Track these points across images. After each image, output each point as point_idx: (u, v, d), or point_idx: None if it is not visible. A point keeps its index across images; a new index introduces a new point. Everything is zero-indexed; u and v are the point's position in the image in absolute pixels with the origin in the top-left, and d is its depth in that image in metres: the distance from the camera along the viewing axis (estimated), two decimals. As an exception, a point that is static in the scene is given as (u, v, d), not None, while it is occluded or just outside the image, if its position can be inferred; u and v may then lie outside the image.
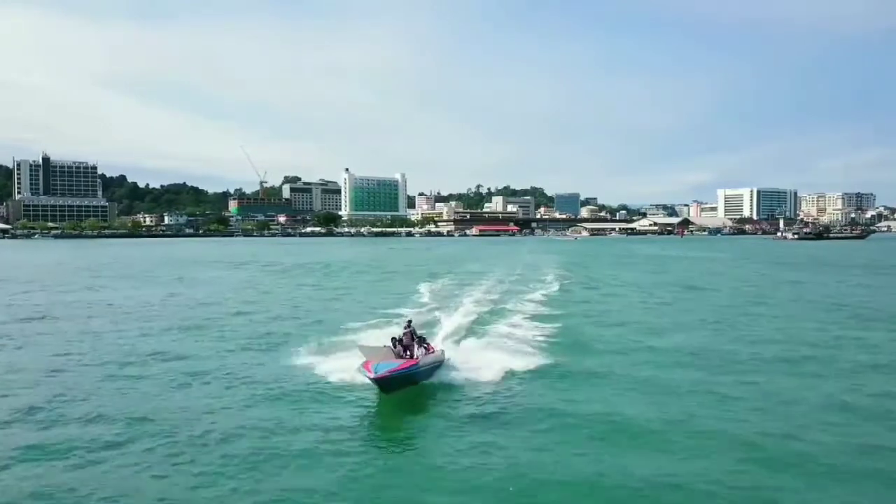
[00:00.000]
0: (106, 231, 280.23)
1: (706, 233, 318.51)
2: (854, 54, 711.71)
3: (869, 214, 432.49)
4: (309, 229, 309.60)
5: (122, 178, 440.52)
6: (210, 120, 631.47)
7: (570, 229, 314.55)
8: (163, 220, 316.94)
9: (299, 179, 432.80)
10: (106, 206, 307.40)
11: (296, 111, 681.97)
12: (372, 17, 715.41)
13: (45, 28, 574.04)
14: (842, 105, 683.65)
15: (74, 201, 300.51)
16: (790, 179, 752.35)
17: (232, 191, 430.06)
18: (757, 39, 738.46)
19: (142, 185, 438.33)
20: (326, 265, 71.72)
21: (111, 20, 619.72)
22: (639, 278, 50.19)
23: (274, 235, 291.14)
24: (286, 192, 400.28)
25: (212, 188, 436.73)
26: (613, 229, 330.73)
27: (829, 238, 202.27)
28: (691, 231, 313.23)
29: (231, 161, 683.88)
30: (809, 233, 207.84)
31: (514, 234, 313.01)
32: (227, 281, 49.07)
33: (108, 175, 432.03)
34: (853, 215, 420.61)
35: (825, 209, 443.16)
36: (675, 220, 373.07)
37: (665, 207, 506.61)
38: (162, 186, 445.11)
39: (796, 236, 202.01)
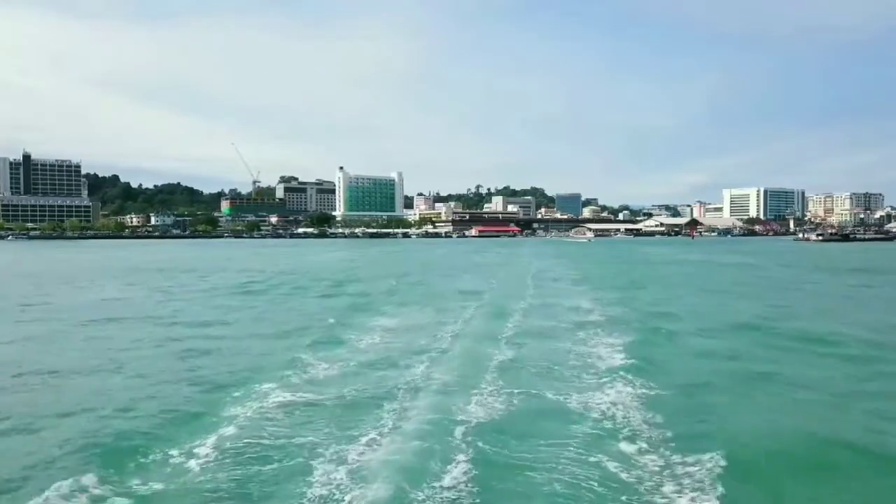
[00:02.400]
0: (88, 232, 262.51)
1: (715, 234, 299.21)
2: (854, 55, 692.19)
3: (878, 215, 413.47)
4: (301, 230, 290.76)
5: (115, 178, 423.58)
6: (208, 121, 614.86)
7: (573, 230, 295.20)
8: (149, 221, 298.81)
9: (295, 179, 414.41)
10: (89, 206, 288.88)
11: (295, 112, 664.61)
12: (371, 16, 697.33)
13: (43, 28, 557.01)
14: (843, 105, 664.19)
15: (56, 201, 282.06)
16: (791, 180, 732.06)
17: (227, 191, 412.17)
18: (757, 41, 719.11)
19: (135, 185, 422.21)
20: (272, 278, 53.14)
21: (110, 21, 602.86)
22: (728, 308, 31.34)
23: (264, 237, 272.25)
24: (280, 193, 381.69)
25: (210, 190, 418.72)
26: (618, 230, 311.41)
27: (855, 240, 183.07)
28: (700, 232, 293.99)
29: (229, 162, 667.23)
30: (835, 234, 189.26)
31: (514, 235, 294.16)
32: (83, 310, 30.71)
33: (100, 175, 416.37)
34: (862, 216, 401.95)
35: (833, 209, 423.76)
36: (681, 220, 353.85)
37: (668, 208, 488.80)
38: (155, 186, 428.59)
39: (820, 238, 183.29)
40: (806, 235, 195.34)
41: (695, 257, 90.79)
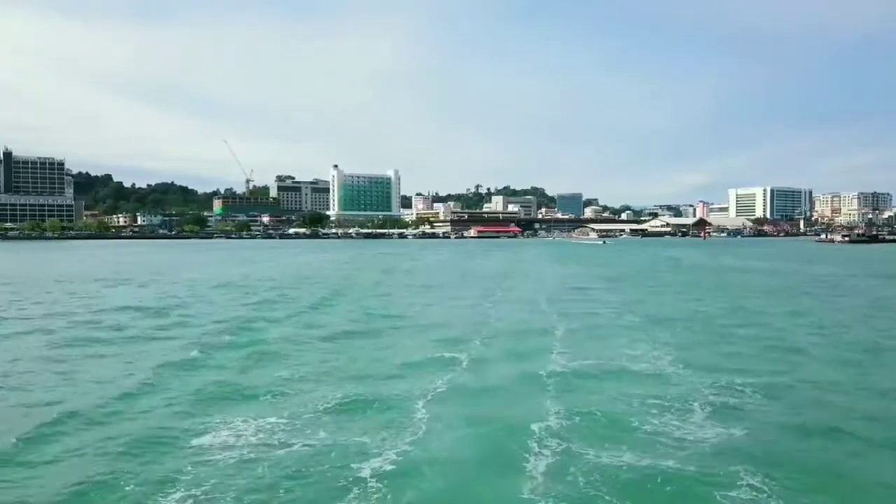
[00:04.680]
0: (69, 232, 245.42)
1: (724, 234, 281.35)
2: (853, 56, 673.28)
3: (886, 215, 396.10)
4: (292, 230, 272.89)
5: (108, 177, 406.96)
6: (208, 120, 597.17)
7: (576, 230, 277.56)
8: (136, 221, 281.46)
9: (291, 178, 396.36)
10: (72, 206, 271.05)
11: (294, 112, 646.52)
12: (371, 16, 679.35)
13: (43, 28, 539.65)
14: (842, 106, 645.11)
15: (37, 200, 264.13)
16: (792, 180, 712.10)
17: (223, 191, 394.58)
18: (756, 43, 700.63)
19: (128, 184, 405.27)
20: (182, 294, 35.92)
21: (107, 21, 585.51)
22: None
23: (254, 237, 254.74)
24: (275, 192, 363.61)
25: (206, 190, 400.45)
26: (623, 230, 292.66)
27: (884, 241, 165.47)
28: (709, 232, 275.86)
29: (228, 162, 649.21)
30: (862, 235, 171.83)
31: (515, 236, 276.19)
32: None
33: (92, 174, 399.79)
34: (870, 216, 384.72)
35: (840, 210, 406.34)
36: (687, 220, 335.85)
37: (670, 208, 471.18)
38: (149, 186, 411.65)
39: (847, 239, 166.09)
40: (830, 236, 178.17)
41: (745, 264, 72.67)
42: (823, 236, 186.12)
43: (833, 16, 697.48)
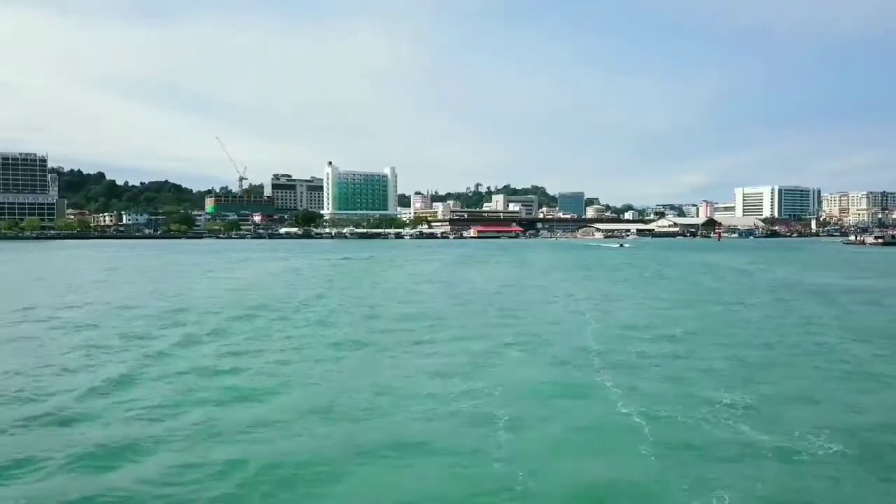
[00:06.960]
0: (50, 231, 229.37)
1: (735, 235, 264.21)
2: (854, 56, 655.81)
3: (895, 215, 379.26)
4: (284, 230, 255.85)
5: (101, 175, 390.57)
6: (205, 119, 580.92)
7: (580, 230, 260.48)
8: (121, 220, 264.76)
9: (287, 177, 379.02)
10: (53, 205, 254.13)
11: (294, 111, 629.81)
12: (371, 16, 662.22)
13: (40, 28, 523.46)
14: (841, 106, 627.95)
15: (17, 198, 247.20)
16: (793, 179, 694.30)
17: (218, 189, 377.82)
18: (755, 43, 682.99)
19: (121, 183, 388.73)
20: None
21: (107, 20, 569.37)
22: None
23: (243, 237, 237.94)
24: (269, 190, 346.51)
25: (201, 189, 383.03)
26: (629, 230, 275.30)
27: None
28: (720, 233, 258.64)
29: (224, 161, 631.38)
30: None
31: (517, 236, 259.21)
32: None
33: (84, 172, 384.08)
34: (880, 216, 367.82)
35: (848, 209, 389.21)
36: (695, 220, 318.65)
37: (673, 207, 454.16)
38: (142, 184, 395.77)
39: (881, 240, 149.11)
40: (860, 238, 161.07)
41: (849, 283, 55.31)
42: (853, 238, 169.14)
43: (835, 14, 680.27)
